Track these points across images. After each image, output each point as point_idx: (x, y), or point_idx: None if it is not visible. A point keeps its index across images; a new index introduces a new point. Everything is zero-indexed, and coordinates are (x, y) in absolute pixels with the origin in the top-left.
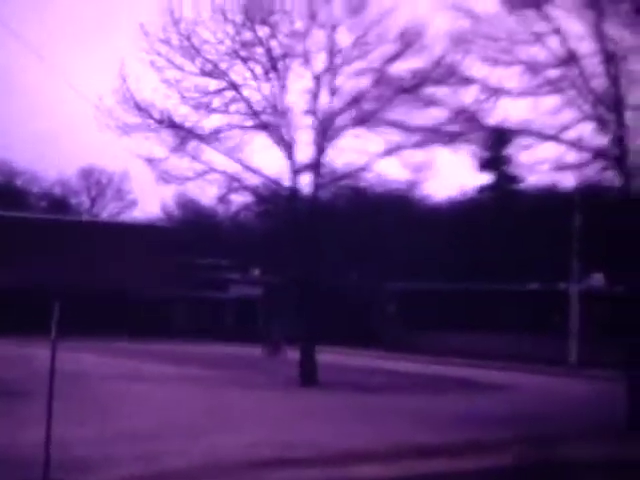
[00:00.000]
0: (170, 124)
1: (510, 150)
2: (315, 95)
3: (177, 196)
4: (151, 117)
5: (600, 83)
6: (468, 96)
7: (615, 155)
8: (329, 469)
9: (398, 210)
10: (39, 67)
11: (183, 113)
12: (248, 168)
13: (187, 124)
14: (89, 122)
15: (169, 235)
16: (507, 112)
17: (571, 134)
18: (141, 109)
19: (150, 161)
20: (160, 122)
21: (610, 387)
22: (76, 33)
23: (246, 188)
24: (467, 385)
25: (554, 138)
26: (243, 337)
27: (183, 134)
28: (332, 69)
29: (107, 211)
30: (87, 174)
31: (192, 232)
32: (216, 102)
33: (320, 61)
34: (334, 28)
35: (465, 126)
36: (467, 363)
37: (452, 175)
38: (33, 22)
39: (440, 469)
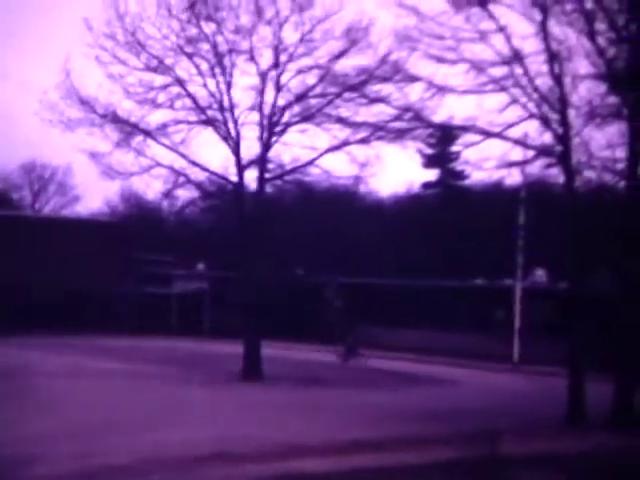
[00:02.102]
0: (114, 119)
1: (456, 147)
2: (261, 91)
3: (122, 191)
4: (95, 112)
5: (544, 82)
6: (414, 93)
7: (559, 152)
8: (268, 464)
9: (344, 205)
10: None
11: (128, 108)
12: (194, 163)
13: (132, 119)
14: (32, 116)
15: (113, 230)
16: (453, 110)
17: (516, 132)
18: (85, 104)
19: (94, 156)
20: (104, 117)
21: (551, 383)
22: (19, 26)
23: (192, 183)
24: (410, 379)
25: (499, 135)
26: (188, 332)
27: (128, 129)
28: (278, 66)
29: (50, 206)
30: (29, 169)
31: (137, 227)
32: (161, 97)
33: (266, 58)
34: (280, 25)
35: (411, 123)
36: (412, 358)
37: (398, 171)
38: None
39: (378, 463)
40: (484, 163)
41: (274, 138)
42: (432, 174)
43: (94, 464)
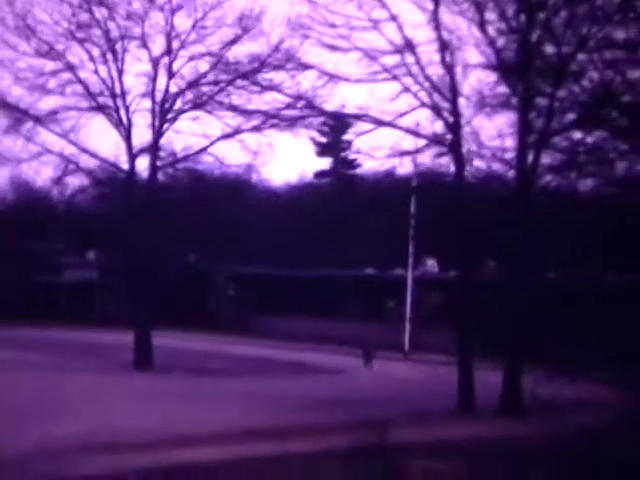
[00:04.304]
0: (3, 105)
1: (348, 136)
2: (153, 78)
3: (10, 178)
4: None
5: (436, 71)
6: (306, 82)
7: (450, 141)
8: (156, 453)
9: (236, 194)
10: None
11: (17, 94)
12: (84, 150)
13: (21, 105)
14: None
15: (1, 218)
16: (345, 98)
17: (408, 121)
18: None
19: None
20: None
21: (442, 372)
22: None
23: (82, 171)
24: (302, 369)
25: (391, 124)
26: (78, 321)
27: (17, 115)
28: (170, 52)
29: None
30: None
31: (26, 215)
32: (52, 83)
33: (158, 44)
34: (173, 11)
35: (303, 111)
36: (304, 347)
37: (291, 159)
38: None
39: (266, 452)
40: (376, 152)
41: (166, 125)
42: (325, 163)
43: None
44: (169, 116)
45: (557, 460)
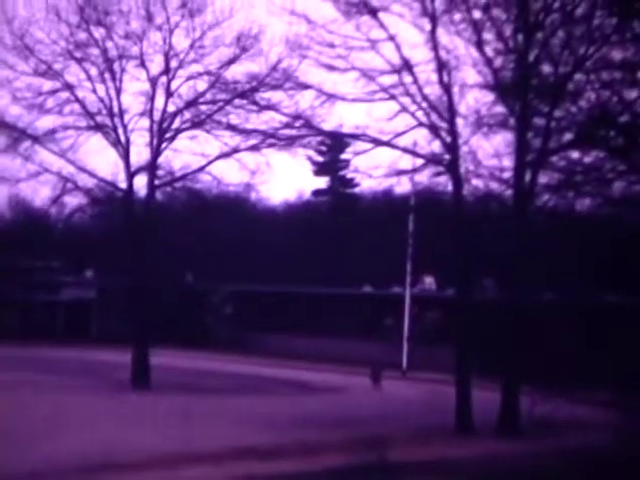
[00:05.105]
0: (1, 124)
1: (346, 155)
2: (151, 97)
3: (9, 197)
4: None
5: (433, 91)
6: (304, 101)
7: (447, 161)
8: (154, 472)
9: (234, 212)
10: None
11: (15, 113)
12: (82, 169)
13: (20, 124)
14: None
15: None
16: (343, 117)
17: (405, 140)
18: None
19: None
20: None
21: (439, 390)
22: None
23: (80, 190)
24: (300, 387)
25: (388, 144)
26: (75, 339)
27: (15, 134)
28: (168, 71)
29: None
30: None
31: (24, 234)
32: (50, 103)
33: (157, 63)
34: (171, 31)
35: (301, 131)
36: (302, 366)
37: (289, 179)
38: None
39: (266, 471)
40: (373, 171)
41: (164, 144)
42: (322, 182)
43: None
44: (167, 135)
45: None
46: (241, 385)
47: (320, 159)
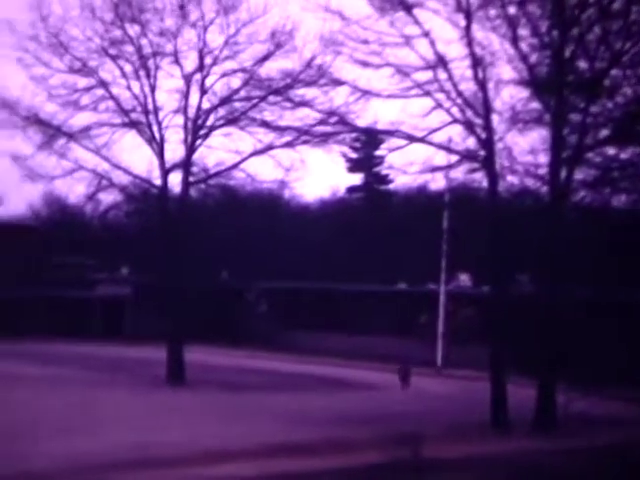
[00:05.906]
0: (37, 121)
1: (380, 151)
2: (186, 94)
3: (44, 194)
4: (17, 114)
5: (468, 87)
6: (338, 97)
7: (482, 157)
8: (188, 469)
9: (268, 209)
10: None
11: (51, 111)
12: (117, 167)
13: (55, 122)
14: None
15: (36, 234)
16: (377, 114)
17: (440, 136)
18: (7, 106)
19: (16, 159)
20: (27, 119)
21: (475, 387)
22: None
23: (115, 187)
24: (336, 384)
25: (423, 140)
26: (110, 336)
27: (50, 132)
28: (203, 69)
29: None
30: None
31: (59, 231)
32: (85, 100)
33: (191, 60)
34: (205, 28)
35: (335, 127)
36: (337, 363)
37: (323, 175)
38: None
39: (302, 468)
40: (408, 167)
41: (198, 141)
42: (357, 178)
43: (18, 470)
44: (201, 132)
45: (590, 476)
46: (276, 382)
47: (354, 156)
